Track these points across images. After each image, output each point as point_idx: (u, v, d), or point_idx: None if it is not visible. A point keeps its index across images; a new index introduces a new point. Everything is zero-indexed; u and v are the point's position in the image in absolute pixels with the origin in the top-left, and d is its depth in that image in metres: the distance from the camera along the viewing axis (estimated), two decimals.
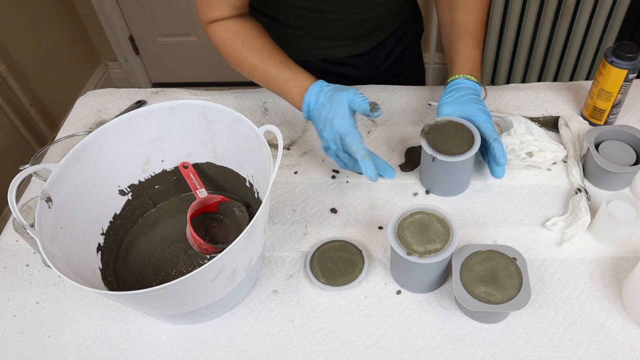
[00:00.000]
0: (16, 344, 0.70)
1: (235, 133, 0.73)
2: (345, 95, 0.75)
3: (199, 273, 0.55)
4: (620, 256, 0.72)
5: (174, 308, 0.62)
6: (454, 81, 0.82)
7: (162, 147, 0.78)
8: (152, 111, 0.73)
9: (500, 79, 2.01)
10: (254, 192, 0.77)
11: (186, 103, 0.73)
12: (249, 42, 0.83)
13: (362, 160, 0.73)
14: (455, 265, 0.66)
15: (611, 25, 1.77)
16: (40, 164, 0.67)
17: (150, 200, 0.81)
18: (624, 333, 0.65)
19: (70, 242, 0.66)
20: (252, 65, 0.83)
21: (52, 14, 2.10)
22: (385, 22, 0.99)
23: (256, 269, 0.70)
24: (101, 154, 0.72)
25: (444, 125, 0.78)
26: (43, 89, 2.06)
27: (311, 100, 0.78)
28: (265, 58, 0.82)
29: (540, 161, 0.81)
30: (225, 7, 0.83)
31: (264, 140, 0.67)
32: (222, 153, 0.78)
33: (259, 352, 0.66)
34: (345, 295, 0.71)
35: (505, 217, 0.78)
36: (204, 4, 0.84)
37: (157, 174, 0.80)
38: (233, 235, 0.76)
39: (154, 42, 2.36)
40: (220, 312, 0.70)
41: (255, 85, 0.90)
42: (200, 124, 0.75)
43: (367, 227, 0.78)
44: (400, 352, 0.65)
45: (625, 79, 0.81)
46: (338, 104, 0.75)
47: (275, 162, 0.62)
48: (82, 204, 0.70)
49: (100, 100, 1.05)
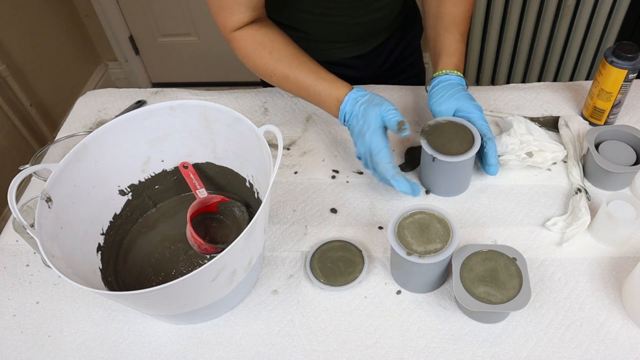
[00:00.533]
0: (16, 344, 0.70)
1: (235, 133, 0.73)
2: (378, 110, 0.75)
3: (199, 273, 0.55)
4: (620, 256, 0.72)
5: (174, 308, 0.62)
6: (442, 76, 0.82)
7: (162, 147, 0.78)
8: (152, 111, 0.73)
9: (500, 79, 2.01)
10: (254, 192, 0.77)
11: (186, 103, 0.73)
12: (276, 52, 0.81)
13: (394, 179, 0.74)
14: (455, 265, 0.66)
15: (611, 25, 1.77)
16: (40, 164, 0.67)
17: (150, 200, 0.81)
18: (624, 333, 0.65)
19: (70, 242, 0.66)
20: (283, 76, 0.82)
21: (52, 14, 2.10)
22: (386, 24, 0.99)
23: (256, 269, 0.70)
24: (101, 154, 0.72)
25: (444, 125, 0.78)
26: (43, 89, 2.06)
27: (347, 110, 0.79)
28: (295, 68, 0.81)
29: (540, 161, 0.81)
30: (242, 9, 0.80)
31: (264, 140, 0.67)
32: (222, 153, 0.78)
33: (259, 352, 0.66)
34: (345, 295, 0.71)
35: (505, 217, 0.78)
36: (222, 9, 0.81)
37: (157, 174, 0.80)
38: (233, 235, 0.76)
39: (154, 42, 2.36)
40: (220, 312, 0.70)
41: (255, 85, 0.91)
42: (200, 124, 0.75)
43: (367, 227, 0.78)
44: (400, 352, 0.65)
45: (625, 79, 0.81)
46: (372, 119, 0.75)
47: (275, 162, 0.62)
48: (82, 204, 0.70)
49: (100, 100, 1.05)
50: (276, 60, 0.81)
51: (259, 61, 0.82)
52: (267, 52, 0.81)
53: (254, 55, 0.82)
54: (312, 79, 0.81)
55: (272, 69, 0.82)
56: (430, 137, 0.76)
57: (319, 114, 0.97)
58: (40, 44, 2.04)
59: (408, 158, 0.87)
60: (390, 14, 0.97)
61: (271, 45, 0.82)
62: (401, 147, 0.89)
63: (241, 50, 0.83)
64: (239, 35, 0.82)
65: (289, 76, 0.81)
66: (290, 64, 0.81)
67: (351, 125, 0.79)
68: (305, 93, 0.82)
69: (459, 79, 0.82)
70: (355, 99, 0.78)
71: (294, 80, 0.81)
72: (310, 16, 0.92)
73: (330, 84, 0.80)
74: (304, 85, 0.81)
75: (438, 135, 0.77)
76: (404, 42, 1.07)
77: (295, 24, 0.94)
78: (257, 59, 0.83)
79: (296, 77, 0.81)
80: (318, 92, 0.81)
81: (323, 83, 0.80)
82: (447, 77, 0.82)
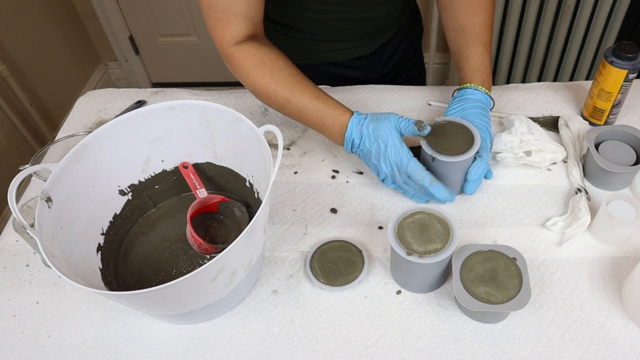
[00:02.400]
0: (16, 344, 0.70)
1: (235, 133, 0.73)
2: (390, 124, 0.73)
3: (199, 273, 0.55)
4: (620, 256, 0.72)
5: (174, 308, 0.62)
6: (463, 90, 0.81)
7: (162, 147, 0.78)
8: (152, 111, 0.73)
9: (500, 79, 2.01)
10: (254, 192, 0.77)
11: (186, 103, 0.73)
12: (277, 73, 0.78)
13: (433, 186, 0.73)
14: (455, 265, 0.66)
15: (611, 25, 1.77)
16: (40, 164, 0.67)
17: (150, 200, 0.81)
18: (624, 333, 0.65)
19: (70, 242, 0.66)
20: (284, 98, 0.78)
21: (52, 14, 2.11)
22: (387, 23, 0.99)
23: (256, 269, 0.70)
24: (101, 154, 0.72)
25: (444, 125, 0.78)
26: (43, 89, 2.06)
27: (354, 136, 0.76)
28: (297, 91, 0.78)
29: (538, 161, 0.81)
30: (239, 20, 0.77)
31: (264, 140, 0.66)
32: (222, 153, 0.78)
33: (259, 352, 0.66)
34: (345, 295, 0.71)
35: (505, 217, 0.78)
36: (218, 21, 0.78)
37: (157, 174, 0.80)
38: (233, 235, 0.76)
39: (154, 42, 2.36)
40: (220, 312, 0.70)
41: None
42: (200, 124, 0.75)
43: (367, 227, 0.78)
44: (400, 352, 0.65)
45: (625, 79, 0.81)
46: (388, 134, 0.73)
47: (275, 162, 0.62)
48: (82, 204, 0.70)
49: (100, 100, 1.05)
50: (277, 81, 0.78)
51: (260, 80, 0.79)
52: (269, 71, 0.78)
53: (254, 74, 0.79)
54: (313, 104, 0.77)
55: (273, 90, 0.78)
56: (430, 137, 0.76)
57: None
58: (40, 44, 2.04)
59: None
60: (392, 9, 0.96)
61: (272, 65, 0.78)
62: None
63: (240, 67, 0.79)
64: (238, 52, 0.79)
65: (290, 99, 0.78)
66: (292, 87, 0.78)
67: (365, 149, 0.76)
68: (306, 118, 0.79)
69: (482, 95, 0.80)
70: (358, 121, 0.76)
71: (296, 104, 0.78)
72: (313, 14, 0.92)
73: (332, 109, 0.77)
74: (306, 109, 0.78)
75: (438, 135, 0.77)
76: (406, 43, 1.07)
77: (298, 24, 0.94)
78: (257, 77, 0.79)
79: (298, 100, 0.78)
80: (320, 117, 0.78)
81: (325, 108, 0.77)
82: (468, 91, 0.80)
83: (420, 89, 1.00)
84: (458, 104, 0.81)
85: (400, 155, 0.74)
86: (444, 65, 2.23)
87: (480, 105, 0.80)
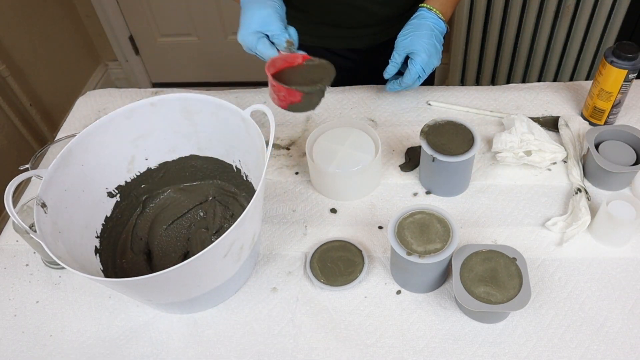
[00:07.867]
0: (17, 343, 0.70)
1: (219, 120, 0.73)
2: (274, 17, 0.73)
3: (213, 248, 0.57)
4: (620, 256, 0.72)
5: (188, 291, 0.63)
6: (420, 11, 0.83)
7: (145, 145, 0.77)
8: (133, 109, 0.73)
9: (500, 79, 2.01)
10: (243, 175, 0.77)
11: (166, 98, 0.73)
12: None
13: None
14: (455, 265, 0.66)
15: (611, 25, 1.77)
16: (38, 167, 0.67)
17: (138, 200, 0.81)
18: (624, 333, 0.65)
19: (70, 246, 0.66)
20: None
21: (52, 14, 2.10)
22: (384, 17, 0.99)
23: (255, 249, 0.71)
24: (87, 156, 0.71)
25: (444, 125, 0.78)
26: (43, 89, 2.06)
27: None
28: None
29: (538, 161, 0.81)
30: None
31: (251, 121, 0.67)
32: (206, 143, 0.78)
33: (259, 352, 0.67)
34: (345, 295, 0.71)
35: (505, 217, 0.78)
36: None
37: (142, 173, 0.79)
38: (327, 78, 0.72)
39: (154, 42, 2.36)
40: (225, 297, 0.71)
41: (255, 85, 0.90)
42: (182, 117, 0.75)
43: (367, 227, 0.78)
44: (400, 352, 0.65)
45: (625, 79, 0.81)
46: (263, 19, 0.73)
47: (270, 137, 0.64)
48: (74, 209, 0.70)
49: (100, 100, 1.05)
50: None
51: None
52: None
53: None
54: None
55: None
56: (430, 137, 0.77)
57: (319, 114, 0.97)
58: (40, 44, 2.04)
59: (408, 158, 0.87)
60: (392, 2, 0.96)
61: None
62: (401, 147, 0.89)
63: None
64: None
65: None
66: None
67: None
68: None
69: (436, 20, 0.82)
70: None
71: None
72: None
73: None
74: None
75: (437, 135, 0.77)
76: None
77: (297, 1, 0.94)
78: None
79: None
80: None
81: None
82: (424, 14, 0.82)
83: (420, 89, 1.00)
84: (414, 29, 0.82)
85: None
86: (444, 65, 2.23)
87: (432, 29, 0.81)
